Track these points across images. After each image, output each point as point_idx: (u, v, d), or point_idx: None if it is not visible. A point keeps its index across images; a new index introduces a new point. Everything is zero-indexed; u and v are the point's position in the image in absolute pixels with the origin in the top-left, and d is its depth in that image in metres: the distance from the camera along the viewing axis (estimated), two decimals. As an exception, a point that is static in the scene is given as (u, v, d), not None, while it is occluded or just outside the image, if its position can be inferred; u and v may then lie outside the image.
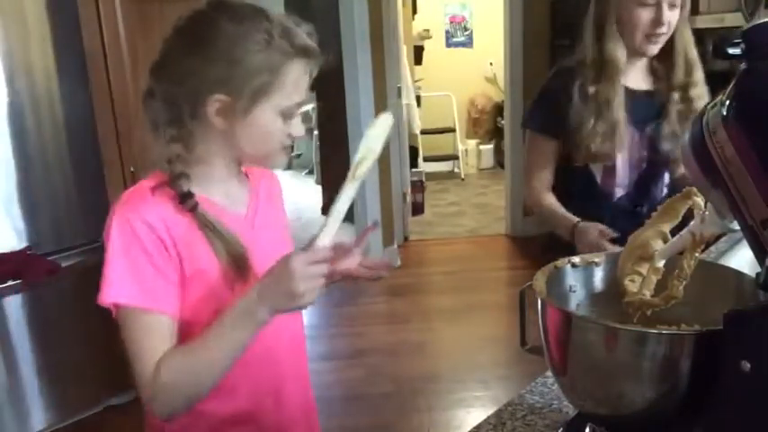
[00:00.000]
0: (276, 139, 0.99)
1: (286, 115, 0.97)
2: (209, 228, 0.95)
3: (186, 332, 0.95)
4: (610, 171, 1.58)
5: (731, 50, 0.63)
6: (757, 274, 0.64)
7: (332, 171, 5.60)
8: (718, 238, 1.38)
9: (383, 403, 2.78)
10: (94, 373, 2.62)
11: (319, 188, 6.05)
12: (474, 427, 0.93)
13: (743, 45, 0.62)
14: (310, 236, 0.94)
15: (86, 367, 2.61)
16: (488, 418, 0.96)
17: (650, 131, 1.57)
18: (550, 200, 1.61)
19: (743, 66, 0.63)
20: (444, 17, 7.37)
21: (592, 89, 1.53)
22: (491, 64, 6.99)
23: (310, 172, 7.59)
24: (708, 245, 1.26)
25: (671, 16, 1.46)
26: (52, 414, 2.55)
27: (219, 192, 1.02)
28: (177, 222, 0.94)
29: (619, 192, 1.60)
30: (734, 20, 2.48)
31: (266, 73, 0.93)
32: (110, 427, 2.61)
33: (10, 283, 2.33)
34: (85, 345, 2.57)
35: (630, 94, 1.56)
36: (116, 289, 0.91)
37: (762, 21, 0.63)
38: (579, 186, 1.61)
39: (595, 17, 1.55)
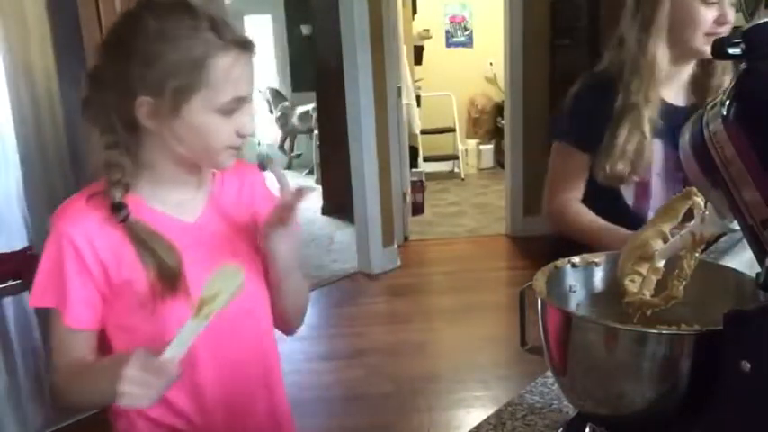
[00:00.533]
0: (217, 138, 0.94)
1: (224, 111, 0.92)
2: (138, 240, 0.94)
3: (122, 337, 0.99)
4: (643, 191, 1.47)
5: (731, 50, 0.63)
6: (757, 274, 0.64)
7: (332, 171, 5.60)
8: (718, 238, 1.37)
9: (383, 403, 2.78)
10: (94, 373, 2.62)
11: (319, 188, 6.05)
12: (474, 427, 0.93)
13: (743, 45, 0.62)
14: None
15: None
16: (488, 418, 0.96)
17: None
18: (589, 213, 1.45)
19: (743, 66, 0.63)
20: (444, 17, 7.38)
21: (625, 101, 1.40)
22: (491, 64, 6.99)
23: (310, 172, 7.59)
24: (708, 245, 1.25)
25: (732, 15, 1.36)
26: (52, 414, 2.55)
27: (167, 198, 0.99)
28: (106, 233, 0.94)
29: (651, 214, 1.44)
30: (734, 20, 2.47)
31: (189, 69, 0.89)
32: (109, 428, 2.61)
33: (10, 283, 2.33)
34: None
35: (669, 109, 1.43)
36: (38, 297, 0.96)
37: (762, 21, 0.63)
38: (606, 205, 1.46)
39: (641, 17, 1.40)
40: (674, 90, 1.48)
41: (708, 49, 1.37)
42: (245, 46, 0.93)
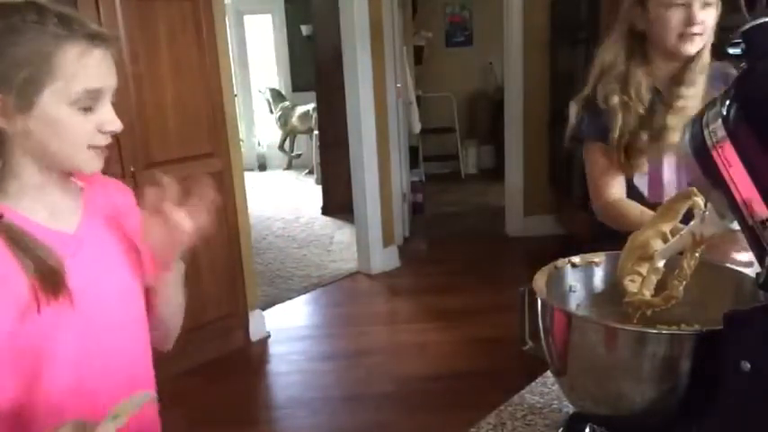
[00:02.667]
0: (75, 134, 0.91)
1: (79, 105, 0.89)
2: (13, 242, 0.89)
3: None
4: (656, 182, 1.53)
5: (731, 50, 0.63)
6: (757, 274, 0.64)
7: (332, 171, 5.61)
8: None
9: (383, 403, 2.78)
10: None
11: (319, 188, 6.05)
12: (474, 427, 0.93)
13: (743, 45, 0.62)
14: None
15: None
16: (488, 418, 0.96)
17: None
18: (637, 206, 1.49)
19: (743, 65, 0.63)
20: (444, 17, 7.37)
21: (625, 97, 1.48)
22: (491, 64, 6.99)
23: (310, 172, 7.59)
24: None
25: (705, 15, 1.40)
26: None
27: (39, 206, 0.95)
28: None
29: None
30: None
31: (35, 62, 0.87)
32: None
33: None
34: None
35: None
36: None
37: (762, 21, 0.63)
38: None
39: (624, 21, 1.50)
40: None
41: (686, 48, 1.44)
42: (98, 38, 0.90)
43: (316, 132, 6.65)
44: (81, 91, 0.89)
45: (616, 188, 1.54)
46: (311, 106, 7.00)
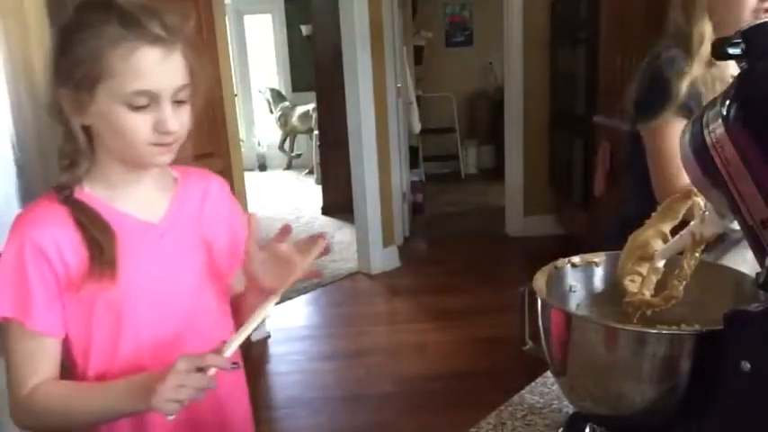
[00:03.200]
0: (132, 132, 0.91)
1: (132, 105, 0.90)
2: (78, 221, 0.93)
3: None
4: None
5: (731, 50, 0.63)
6: (757, 274, 0.64)
7: (332, 171, 5.61)
8: (719, 238, 1.36)
9: (383, 403, 2.78)
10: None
11: (319, 188, 6.05)
12: (474, 428, 0.93)
13: (743, 45, 0.62)
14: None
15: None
16: (488, 418, 0.96)
17: None
18: None
19: (743, 65, 0.63)
20: (444, 17, 7.37)
21: (690, 73, 1.36)
22: (491, 64, 6.99)
23: (310, 172, 7.60)
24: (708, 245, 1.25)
25: None
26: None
27: (126, 197, 0.99)
28: (68, 233, 0.93)
29: None
30: None
31: (91, 60, 0.89)
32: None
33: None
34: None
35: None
36: (1, 304, 0.93)
37: (762, 21, 0.63)
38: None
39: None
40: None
41: None
42: (155, 39, 0.90)
43: (316, 132, 6.66)
44: (131, 92, 0.89)
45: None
46: (311, 106, 7.00)
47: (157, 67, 0.90)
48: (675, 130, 1.34)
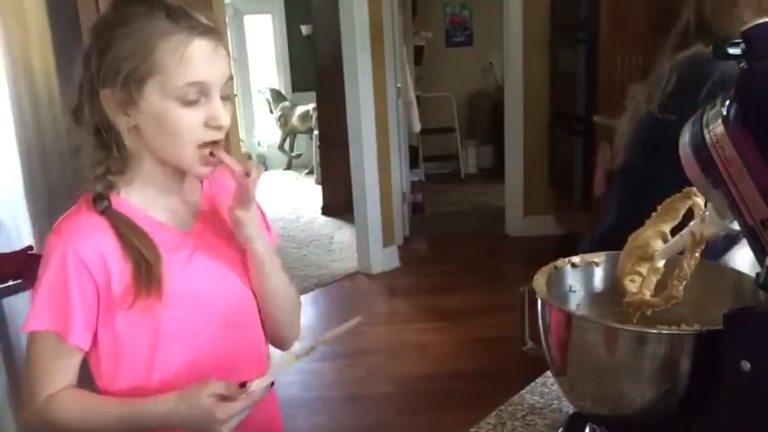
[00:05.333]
0: (182, 130, 0.89)
1: (183, 100, 0.88)
2: (120, 233, 0.91)
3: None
4: None
5: (731, 50, 0.63)
6: (757, 274, 0.64)
7: (332, 171, 5.60)
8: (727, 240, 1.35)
9: (383, 403, 2.78)
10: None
11: (319, 188, 6.05)
12: (474, 428, 0.93)
13: (743, 45, 0.62)
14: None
15: (85, 366, 2.61)
16: (488, 418, 0.96)
17: None
18: None
19: (743, 65, 0.63)
20: (444, 17, 7.37)
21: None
22: (491, 64, 6.99)
23: (310, 172, 7.60)
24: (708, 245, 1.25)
25: None
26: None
27: (160, 205, 0.97)
28: (107, 240, 0.91)
29: None
30: None
31: (138, 55, 0.86)
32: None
33: (10, 283, 2.32)
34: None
35: None
36: (38, 318, 0.91)
37: (762, 21, 0.63)
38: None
39: None
40: None
41: None
42: (205, 31, 0.88)
43: (316, 132, 6.66)
44: (183, 84, 0.87)
45: None
46: (311, 106, 7.00)
47: (209, 59, 0.89)
48: None
